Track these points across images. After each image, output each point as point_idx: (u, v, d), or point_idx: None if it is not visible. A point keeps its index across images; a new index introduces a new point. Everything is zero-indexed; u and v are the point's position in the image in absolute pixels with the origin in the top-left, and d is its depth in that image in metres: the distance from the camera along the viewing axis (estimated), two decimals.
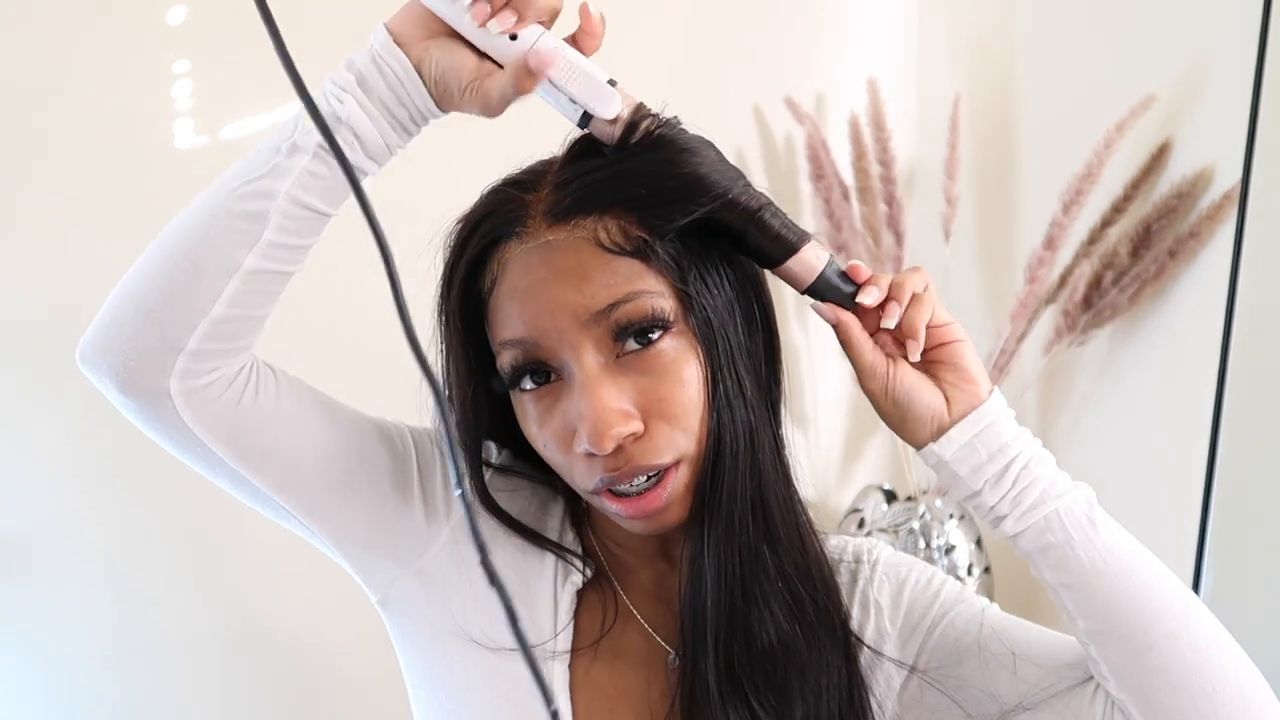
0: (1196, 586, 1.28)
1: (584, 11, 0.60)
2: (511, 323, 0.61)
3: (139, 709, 1.41)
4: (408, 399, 0.73)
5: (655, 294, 0.60)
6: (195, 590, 1.41)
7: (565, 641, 0.69)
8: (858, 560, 0.72)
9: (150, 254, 0.60)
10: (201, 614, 1.42)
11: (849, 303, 0.64)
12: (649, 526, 0.63)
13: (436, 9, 0.59)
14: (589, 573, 0.71)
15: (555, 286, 0.60)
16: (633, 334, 0.60)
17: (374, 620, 0.76)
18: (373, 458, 0.68)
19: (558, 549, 0.71)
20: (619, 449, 0.60)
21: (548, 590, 0.70)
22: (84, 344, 0.61)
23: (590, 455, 0.60)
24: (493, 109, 0.60)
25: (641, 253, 0.60)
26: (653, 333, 0.60)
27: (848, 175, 1.62)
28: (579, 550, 0.72)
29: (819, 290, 0.64)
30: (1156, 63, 1.40)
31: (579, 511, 0.74)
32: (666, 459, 0.61)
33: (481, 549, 0.58)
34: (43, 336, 1.25)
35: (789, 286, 0.66)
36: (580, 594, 0.71)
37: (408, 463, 0.70)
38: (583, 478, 0.62)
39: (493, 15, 0.57)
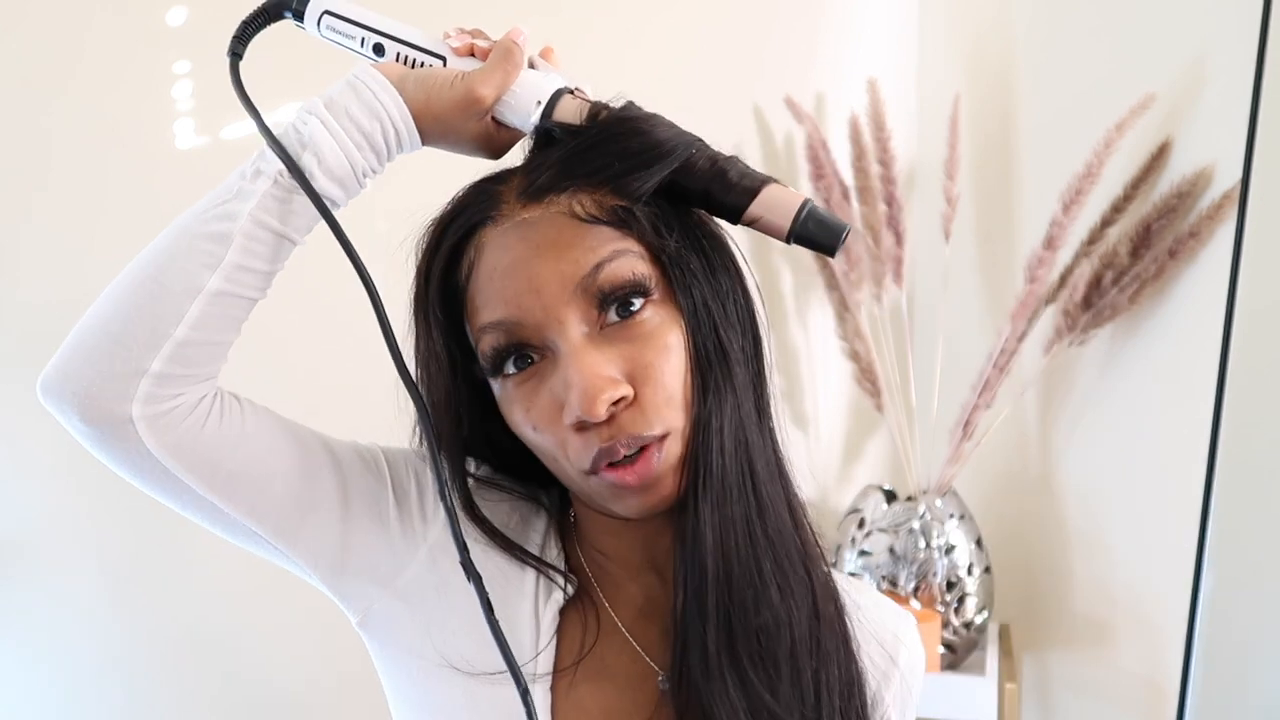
0: (1196, 586, 1.29)
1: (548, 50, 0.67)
2: (492, 304, 0.61)
3: (139, 708, 1.41)
4: (399, 398, 0.73)
5: (636, 255, 0.61)
6: (194, 591, 1.41)
7: (547, 663, 0.66)
8: (897, 639, 0.72)
9: (115, 282, 0.61)
10: (200, 616, 1.42)
11: (837, 240, 0.63)
12: (644, 501, 0.61)
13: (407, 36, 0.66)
14: (571, 589, 0.69)
15: (536, 261, 0.60)
16: (615, 302, 0.60)
17: None
18: (344, 478, 0.67)
19: (539, 563, 0.69)
20: (611, 417, 0.59)
21: (528, 609, 0.68)
22: (45, 375, 0.60)
23: (582, 427, 0.60)
24: (479, 101, 0.62)
25: (618, 220, 0.61)
26: (634, 302, 0.60)
27: (848, 175, 1.62)
28: (563, 565, 0.70)
29: (803, 235, 0.62)
30: (1156, 63, 1.40)
31: (565, 524, 0.72)
32: (656, 430, 0.60)
33: (462, 548, 0.59)
34: (43, 337, 1.25)
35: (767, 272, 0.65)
36: (563, 612, 0.68)
37: (381, 482, 0.69)
38: (577, 454, 0.61)
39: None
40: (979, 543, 1.58)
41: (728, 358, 0.63)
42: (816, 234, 0.62)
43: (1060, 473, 1.63)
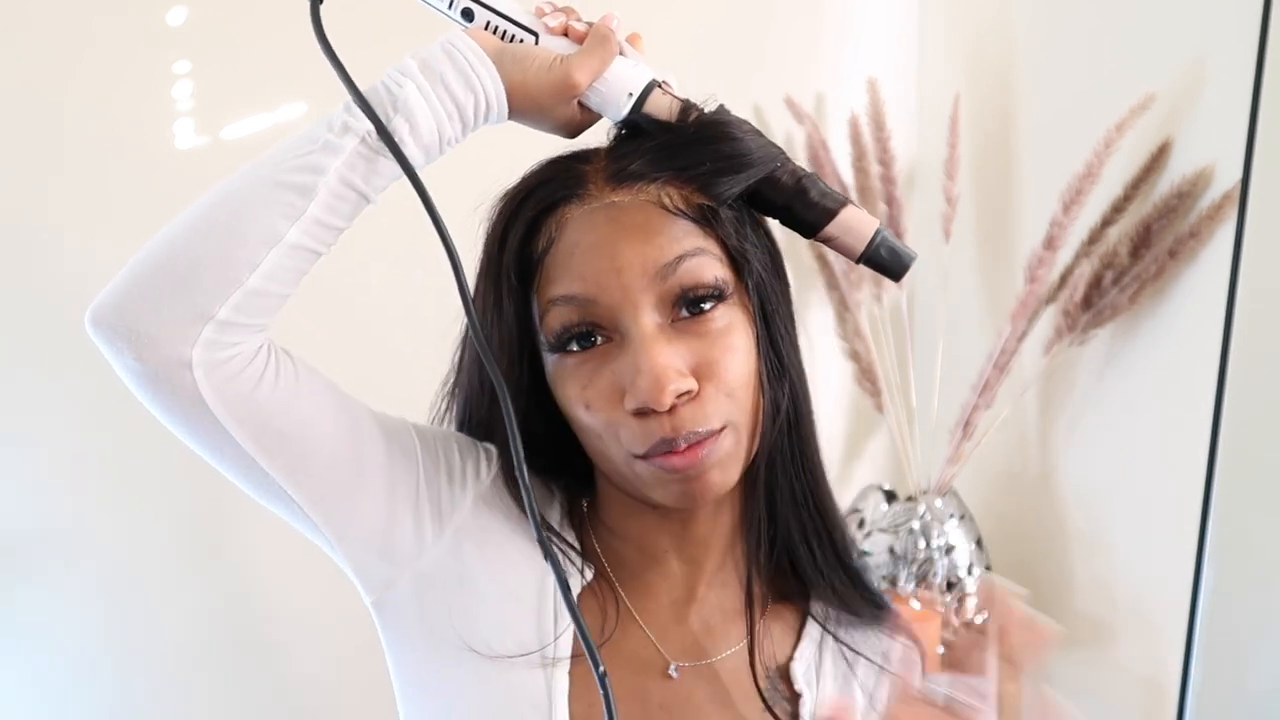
0: (1196, 586, 1.29)
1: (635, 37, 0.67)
2: (569, 278, 0.61)
3: (139, 709, 1.41)
4: (416, 393, 0.73)
5: (716, 257, 0.62)
6: (195, 591, 1.41)
7: (565, 648, 0.67)
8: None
9: (187, 219, 0.59)
10: (201, 615, 1.42)
11: (904, 270, 0.65)
12: (688, 491, 0.62)
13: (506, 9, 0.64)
14: (589, 574, 0.70)
15: (623, 243, 0.60)
16: (689, 301, 0.61)
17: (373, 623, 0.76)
18: (382, 453, 0.67)
19: (563, 544, 0.70)
20: (673, 409, 0.60)
21: (548, 593, 0.68)
22: (99, 304, 0.58)
23: (642, 415, 0.60)
24: (574, 87, 0.62)
25: (701, 218, 0.62)
26: (706, 301, 0.62)
27: (848, 175, 1.62)
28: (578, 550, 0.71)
29: (874, 259, 0.65)
30: (1156, 63, 1.40)
31: (578, 514, 0.73)
32: (715, 424, 0.61)
33: (537, 525, 0.62)
34: (44, 338, 1.25)
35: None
36: (579, 597, 0.69)
37: (412, 460, 0.68)
38: (631, 439, 0.62)
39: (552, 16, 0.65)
40: (979, 543, 1.58)
41: (783, 362, 0.66)
42: (887, 261, 0.65)
43: (1060, 473, 1.63)
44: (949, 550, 1.55)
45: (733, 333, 0.63)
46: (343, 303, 1.29)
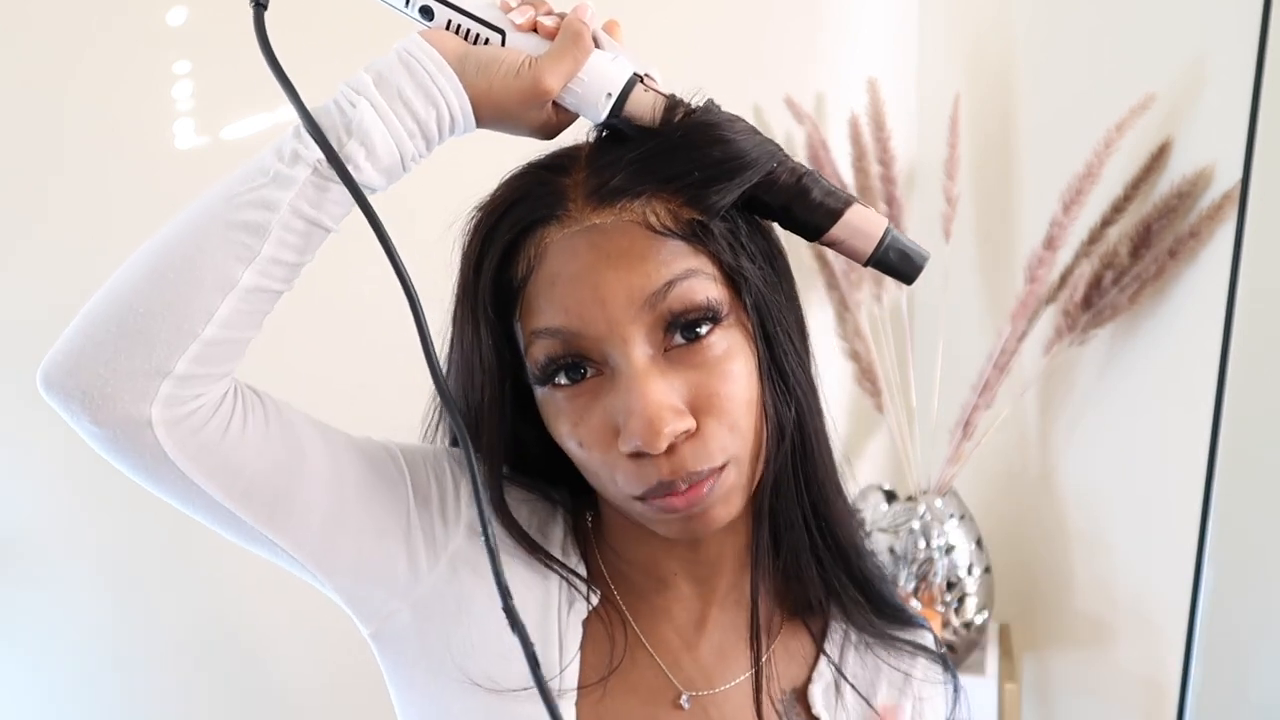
0: (1196, 586, 1.28)
1: (613, 25, 0.61)
2: (552, 310, 0.57)
3: (136, 709, 1.41)
4: (413, 397, 0.72)
5: (708, 276, 0.57)
6: (193, 592, 1.41)
7: (571, 678, 0.63)
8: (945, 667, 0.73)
9: (134, 267, 0.54)
10: (199, 616, 1.42)
11: (917, 272, 0.60)
12: (690, 528, 0.59)
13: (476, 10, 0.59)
14: (594, 600, 0.66)
15: (607, 271, 0.55)
16: (682, 327, 0.57)
17: None
18: (367, 487, 0.62)
19: (566, 572, 0.66)
20: (671, 448, 0.55)
21: (552, 620, 0.64)
22: (49, 366, 0.54)
23: (638, 456, 0.56)
24: (546, 92, 0.57)
25: (692, 235, 0.57)
26: (702, 326, 0.57)
27: (848, 175, 1.62)
28: (583, 573, 0.67)
29: (884, 262, 0.59)
30: (1156, 63, 1.40)
31: (581, 527, 0.69)
32: (717, 461, 0.57)
33: (505, 593, 0.55)
34: (43, 339, 1.25)
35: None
36: (585, 623, 0.65)
37: (401, 486, 0.64)
38: (628, 482, 0.58)
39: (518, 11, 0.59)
40: (979, 543, 1.58)
41: (788, 383, 0.61)
42: (897, 263, 0.60)
43: (1060, 473, 1.63)
44: (949, 550, 1.55)
45: (732, 359, 0.58)
46: (339, 316, 1.29)
